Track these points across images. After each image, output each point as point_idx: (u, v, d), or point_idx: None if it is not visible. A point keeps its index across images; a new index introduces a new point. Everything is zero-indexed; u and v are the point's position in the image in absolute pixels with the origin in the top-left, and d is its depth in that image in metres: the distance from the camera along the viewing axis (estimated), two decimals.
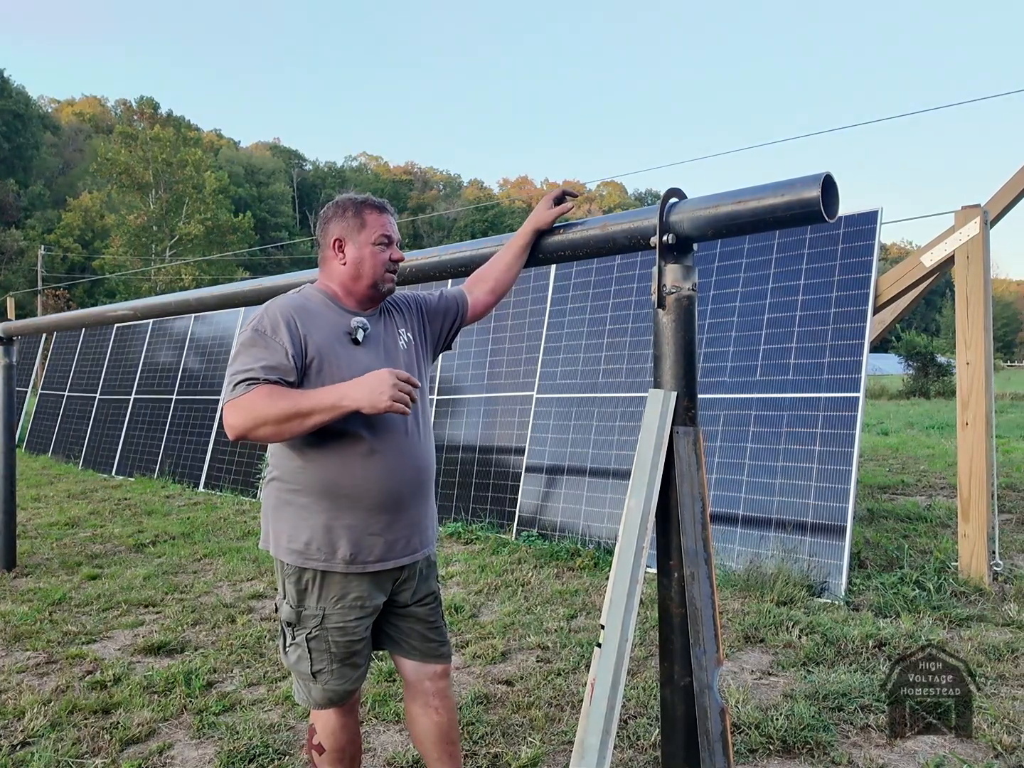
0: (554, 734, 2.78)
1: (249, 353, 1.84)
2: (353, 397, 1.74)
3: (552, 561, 5.20)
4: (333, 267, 2.02)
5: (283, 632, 1.96)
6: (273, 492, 1.95)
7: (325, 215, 2.05)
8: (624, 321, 5.82)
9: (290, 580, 1.90)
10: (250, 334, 1.86)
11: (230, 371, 1.84)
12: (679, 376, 2.03)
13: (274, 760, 2.63)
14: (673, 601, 2.00)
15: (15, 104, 55.51)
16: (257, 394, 1.77)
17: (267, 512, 1.98)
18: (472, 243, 2.62)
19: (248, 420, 1.75)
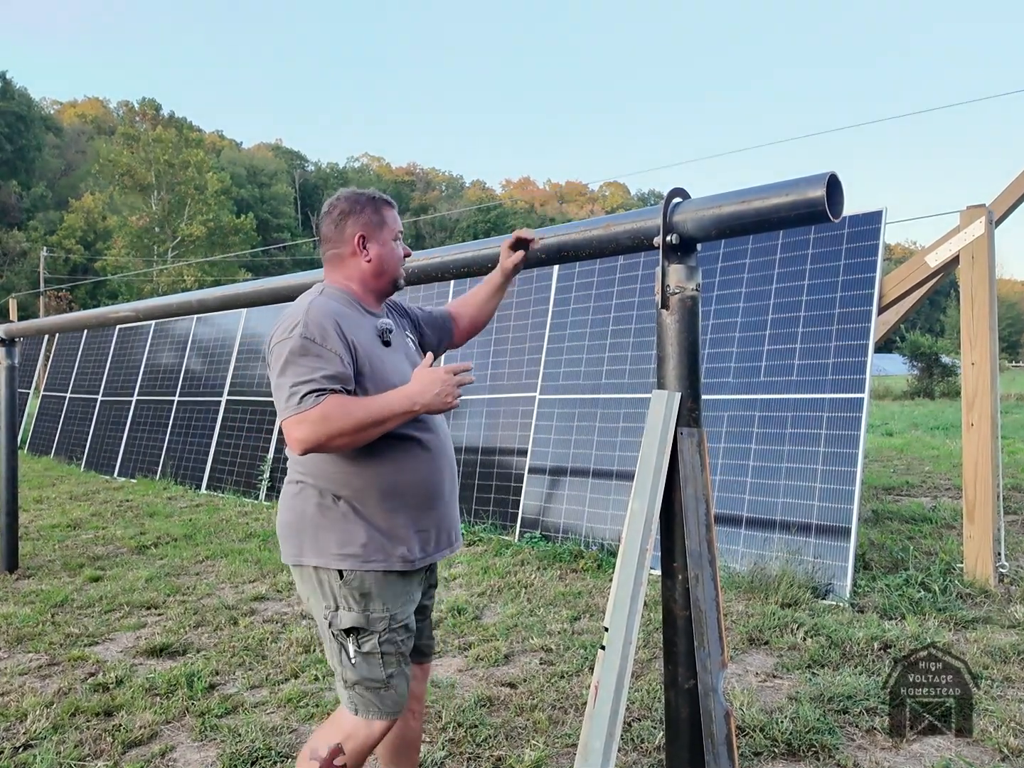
0: (557, 737, 2.77)
1: (303, 363, 1.76)
2: (423, 401, 1.77)
3: (555, 563, 5.18)
4: (354, 264, 1.99)
5: (342, 645, 1.86)
6: (309, 500, 1.87)
7: (339, 211, 1.99)
8: (627, 322, 5.80)
9: (349, 586, 1.83)
10: (299, 342, 1.78)
11: (285, 382, 1.76)
12: (683, 377, 2.01)
13: (276, 763, 2.62)
14: (677, 603, 1.99)
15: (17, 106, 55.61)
16: (328, 406, 1.72)
17: (300, 523, 1.87)
18: (475, 243, 2.61)
19: (321, 434, 1.70)
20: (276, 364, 1.78)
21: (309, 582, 1.88)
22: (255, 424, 8.68)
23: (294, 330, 1.78)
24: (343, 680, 1.88)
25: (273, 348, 1.81)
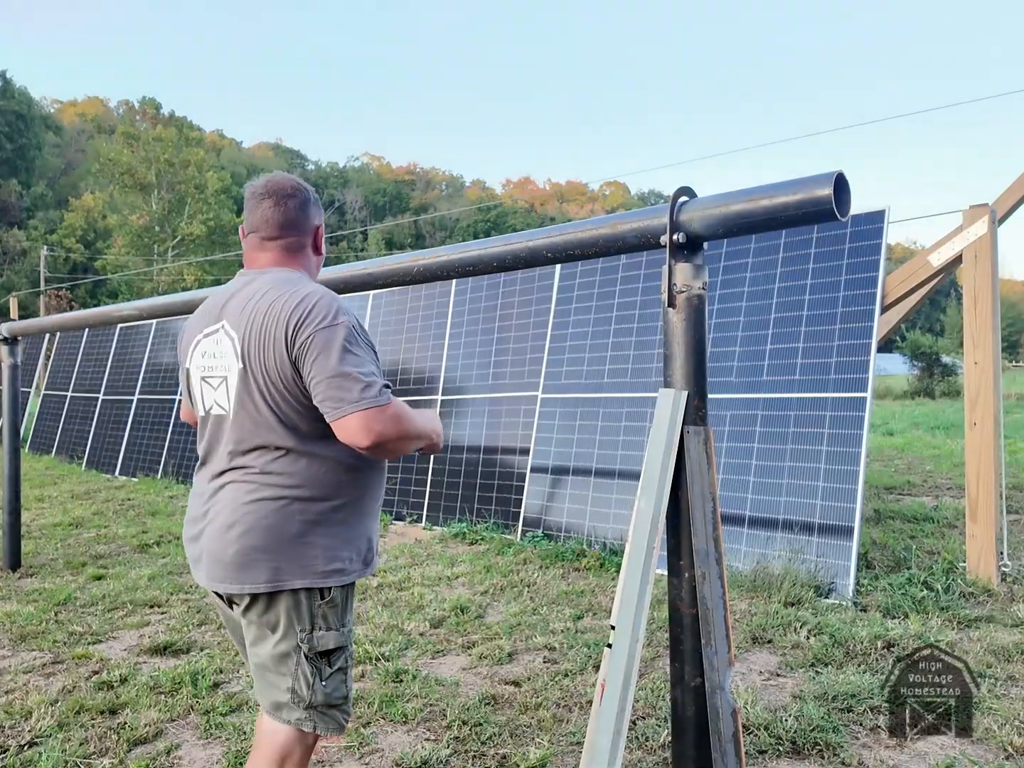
0: (562, 735, 2.77)
1: (361, 353, 1.68)
2: (440, 437, 1.85)
3: (558, 562, 5.19)
4: (307, 257, 1.92)
5: (316, 669, 1.72)
6: (294, 515, 1.70)
7: (303, 198, 1.88)
8: (629, 321, 5.80)
9: (331, 604, 1.73)
10: (350, 331, 1.68)
11: (350, 370, 1.63)
12: (689, 375, 2.02)
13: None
14: (683, 601, 1.99)
15: (18, 105, 55.69)
16: (399, 405, 1.68)
17: (278, 542, 1.69)
18: (479, 243, 2.61)
19: (401, 432, 1.66)
20: (327, 351, 1.63)
21: (281, 607, 1.70)
22: None
23: (338, 317, 1.67)
24: (304, 702, 1.72)
25: (315, 334, 1.64)
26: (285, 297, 1.71)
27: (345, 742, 2.75)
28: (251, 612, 1.73)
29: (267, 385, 1.69)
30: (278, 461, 1.71)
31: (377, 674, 3.35)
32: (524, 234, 2.46)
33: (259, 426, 1.71)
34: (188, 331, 1.91)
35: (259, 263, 1.87)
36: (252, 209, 1.87)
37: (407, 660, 3.54)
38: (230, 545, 1.69)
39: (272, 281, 1.78)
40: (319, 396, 1.63)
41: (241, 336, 1.72)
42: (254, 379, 1.70)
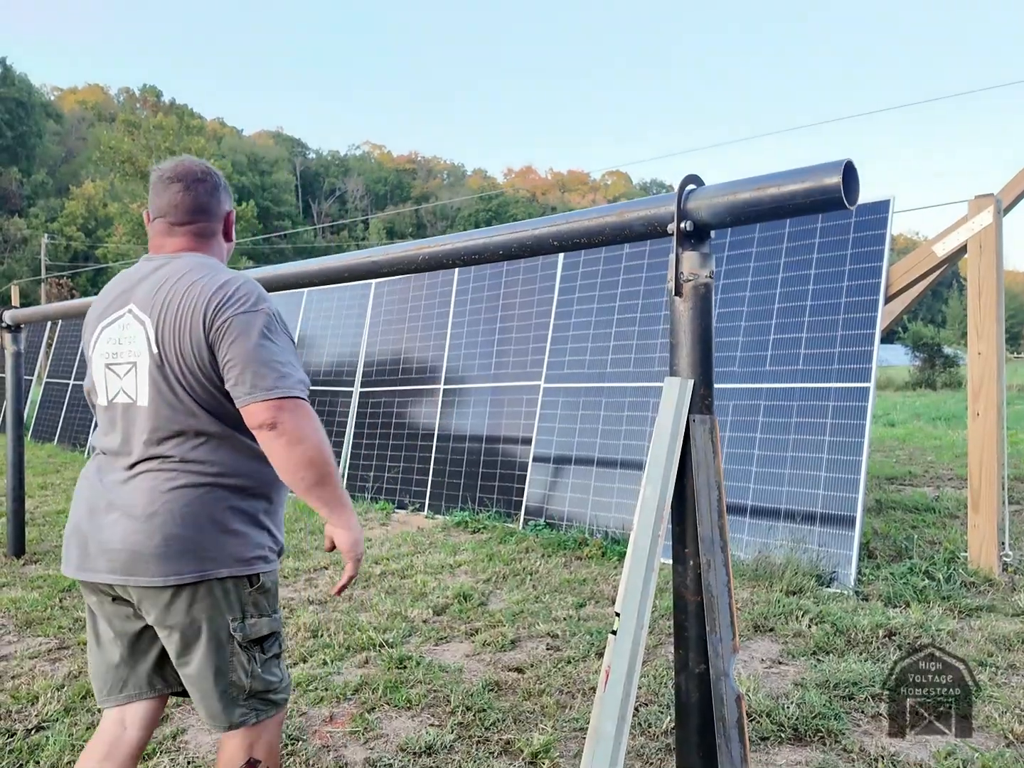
0: (565, 721, 2.79)
1: (281, 343, 1.64)
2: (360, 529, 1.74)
3: (560, 550, 5.20)
4: (218, 244, 1.86)
5: (251, 657, 1.70)
6: (219, 502, 1.65)
7: (214, 183, 1.82)
8: (632, 310, 5.80)
9: (261, 590, 1.71)
10: (270, 318, 1.64)
11: (266, 356, 1.59)
12: (696, 364, 2.02)
13: (287, 746, 2.64)
14: (688, 589, 2.00)
15: (18, 92, 55.46)
16: (314, 415, 1.63)
17: (202, 531, 1.63)
18: (485, 231, 2.61)
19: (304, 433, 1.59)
20: (245, 335, 1.59)
21: (208, 598, 1.65)
22: None
23: (259, 303, 1.65)
24: (245, 692, 1.69)
25: (234, 318, 1.60)
26: (204, 281, 1.66)
27: (350, 727, 2.77)
28: (173, 608, 1.64)
29: (183, 371, 1.63)
30: (199, 448, 1.65)
31: (381, 660, 3.37)
32: (530, 222, 2.46)
33: (177, 412, 1.65)
34: (91, 317, 1.84)
35: (167, 249, 1.80)
36: (159, 193, 1.79)
37: (411, 647, 3.56)
38: (151, 536, 1.61)
39: (188, 265, 1.72)
40: (231, 380, 1.60)
41: (155, 321, 1.66)
42: (170, 365, 1.64)
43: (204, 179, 1.80)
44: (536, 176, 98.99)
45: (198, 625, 1.65)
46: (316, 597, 4.32)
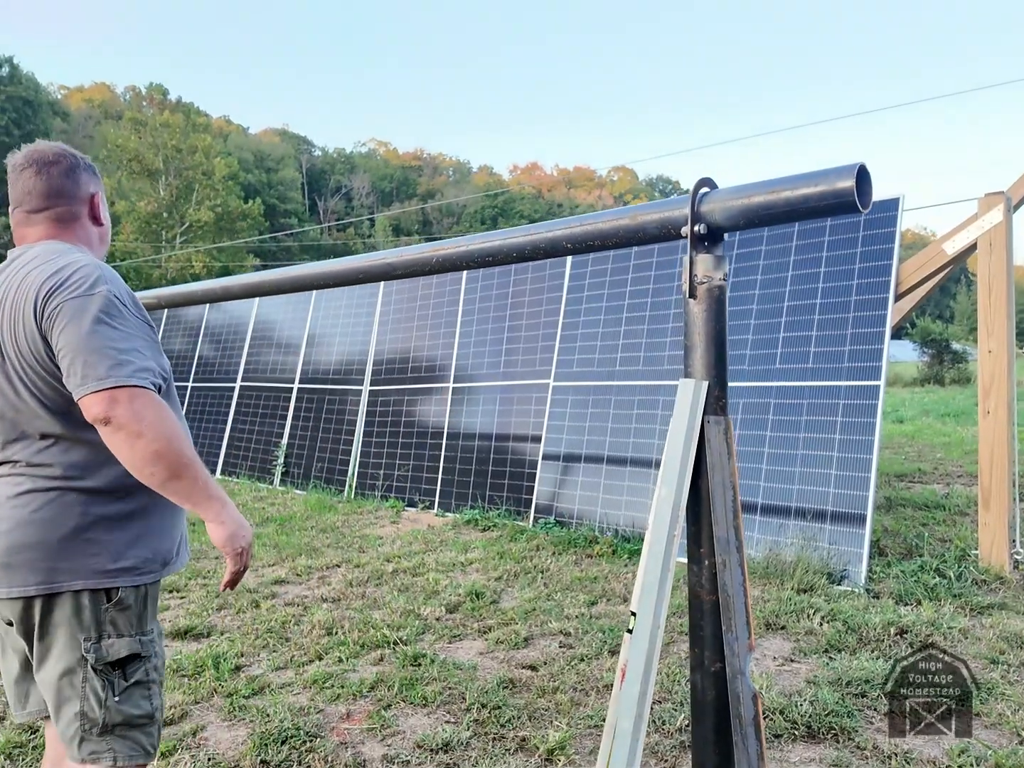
0: (580, 718, 2.82)
1: (125, 330, 1.47)
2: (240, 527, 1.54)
3: (570, 548, 5.23)
4: (84, 227, 1.71)
5: (107, 682, 1.51)
6: (72, 507, 1.50)
7: (70, 163, 1.68)
8: (641, 309, 5.81)
9: (121, 606, 1.53)
10: (109, 300, 1.47)
11: (99, 344, 1.42)
12: (710, 366, 2.03)
13: (306, 743, 2.68)
14: (704, 588, 2.02)
15: (25, 91, 55.61)
16: (162, 405, 1.45)
17: (51, 539, 1.48)
18: (499, 233, 2.62)
19: (143, 427, 1.40)
20: (77, 320, 1.44)
21: (59, 613, 1.50)
22: (269, 410, 8.75)
23: (96, 286, 1.48)
24: (98, 726, 1.51)
25: (65, 303, 1.45)
26: (40, 268, 1.53)
27: (367, 724, 2.81)
28: (26, 623, 1.52)
29: (22, 367, 1.50)
30: (47, 451, 1.52)
31: (396, 658, 3.41)
32: (544, 225, 2.48)
33: (20, 414, 1.52)
34: None
35: (28, 239, 1.67)
36: (13, 183, 1.67)
37: (424, 644, 3.59)
38: (4, 545, 1.49)
39: (36, 254, 1.59)
40: (64, 371, 1.44)
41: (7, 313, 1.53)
42: (10, 362, 1.51)
43: (57, 160, 1.66)
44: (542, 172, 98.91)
45: (49, 642, 1.51)
46: (329, 595, 4.36)
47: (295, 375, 8.68)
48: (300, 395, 8.52)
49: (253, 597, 4.32)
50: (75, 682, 1.50)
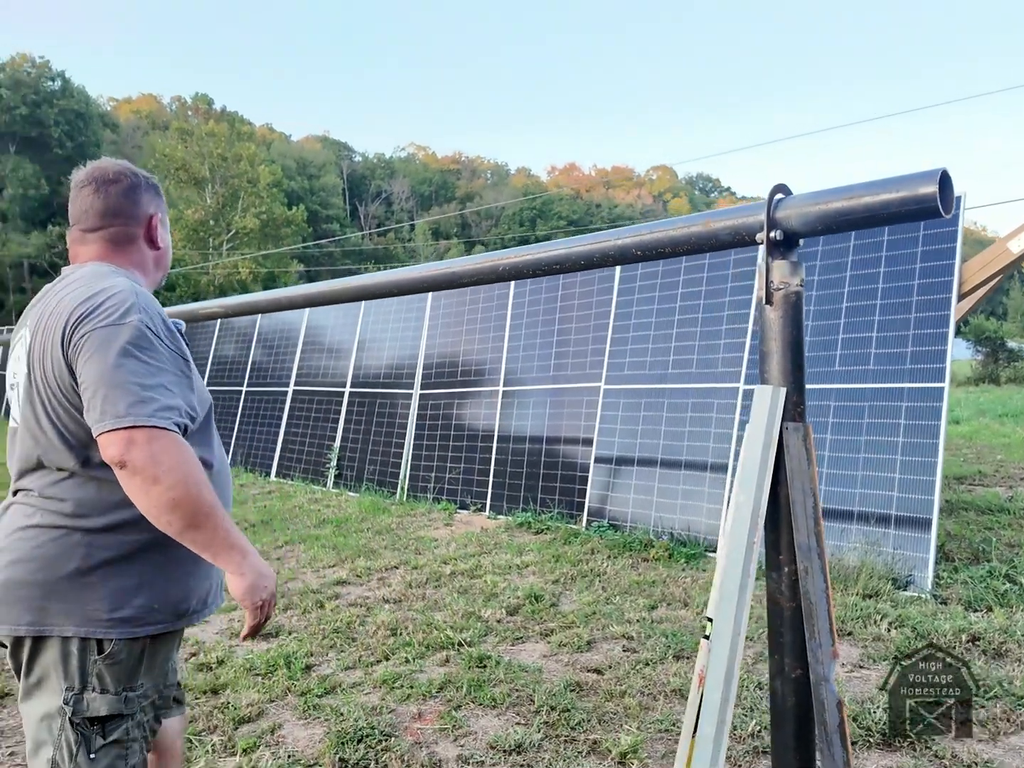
0: (650, 722, 2.83)
1: (154, 363, 1.40)
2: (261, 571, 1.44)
3: (625, 552, 5.24)
4: (140, 249, 1.66)
5: (82, 738, 1.42)
6: (74, 549, 1.42)
7: (130, 182, 1.63)
8: (694, 311, 5.79)
9: (111, 659, 1.44)
10: (140, 331, 1.40)
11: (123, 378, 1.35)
12: (787, 372, 2.03)
13: (381, 742, 2.74)
14: (784, 595, 2.02)
15: (76, 104, 57.40)
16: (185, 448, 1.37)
17: (48, 579, 1.42)
18: (566, 241, 2.65)
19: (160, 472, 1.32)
20: (102, 352, 1.36)
21: (48, 657, 1.43)
22: (321, 413, 8.91)
23: (127, 316, 1.40)
24: None
25: (92, 333, 1.38)
26: (76, 292, 1.48)
27: (439, 725, 2.86)
28: (14, 660, 1.48)
29: (48, 395, 1.45)
30: (59, 484, 1.45)
31: (461, 659, 3.46)
32: (612, 232, 2.50)
33: (39, 442, 1.47)
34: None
35: (81, 258, 1.64)
36: (73, 200, 1.64)
37: (488, 646, 3.64)
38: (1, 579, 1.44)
39: (78, 276, 1.55)
40: (85, 405, 1.37)
41: (30, 340, 1.50)
42: (36, 388, 1.47)
43: (117, 180, 1.62)
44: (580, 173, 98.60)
45: (34, 681, 1.46)
46: (390, 596, 4.44)
47: (346, 379, 8.82)
48: (352, 399, 8.66)
49: (317, 598, 4.42)
50: (53, 728, 1.43)
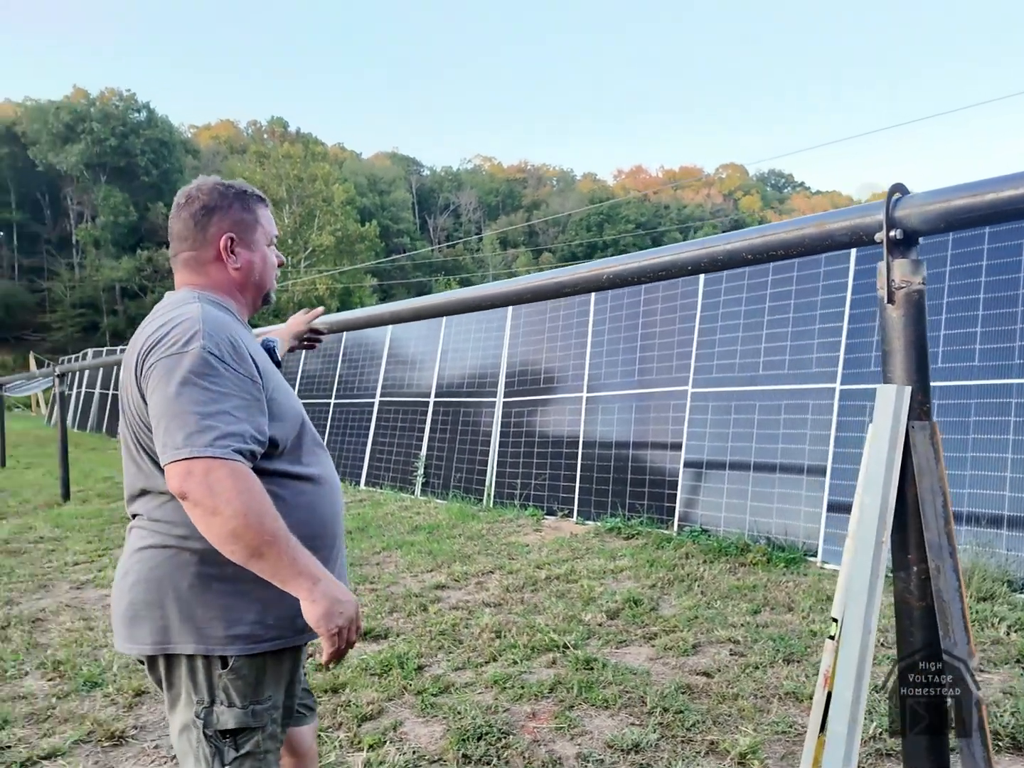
0: (766, 724, 2.83)
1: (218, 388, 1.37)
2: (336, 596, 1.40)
3: (721, 556, 5.20)
4: (218, 272, 1.63)
5: (216, 750, 1.46)
6: (186, 568, 1.45)
7: (201, 205, 1.60)
8: (784, 311, 5.72)
9: (236, 674, 1.47)
10: (201, 358, 1.37)
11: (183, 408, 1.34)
12: (911, 371, 2.03)
13: (500, 739, 2.82)
14: (913, 595, 2.01)
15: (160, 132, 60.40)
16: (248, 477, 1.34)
17: (166, 599, 1.45)
18: (672, 247, 2.69)
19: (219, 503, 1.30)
20: (165, 383, 1.37)
21: (177, 673, 1.48)
22: (407, 423, 9.14)
23: (191, 343, 1.39)
24: None
25: (158, 363, 1.39)
26: (151, 322, 1.51)
27: (554, 724, 2.93)
28: (153, 675, 1.53)
29: (136, 426, 1.48)
30: (165, 507, 1.47)
31: (568, 661, 3.52)
32: (721, 237, 2.53)
33: (140, 469, 1.51)
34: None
35: (175, 283, 1.67)
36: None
37: (593, 649, 3.69)
38: (122, 597, 1.50)
39: (161, 306, 1.59)
40: (154, 438, 1.39)
41: (123, 371, 1.55)
42: (127, 420, 1.51)
43: (188, 203, 1.61)
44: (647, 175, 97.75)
45: (173, 695, 1.51)
46: (490, 600, 4.54)
47: (431, 389, 9.03)
48: (436, 408, 8.86)
49: (419, 601, 4.55)
50: (191, 739, 1.48)
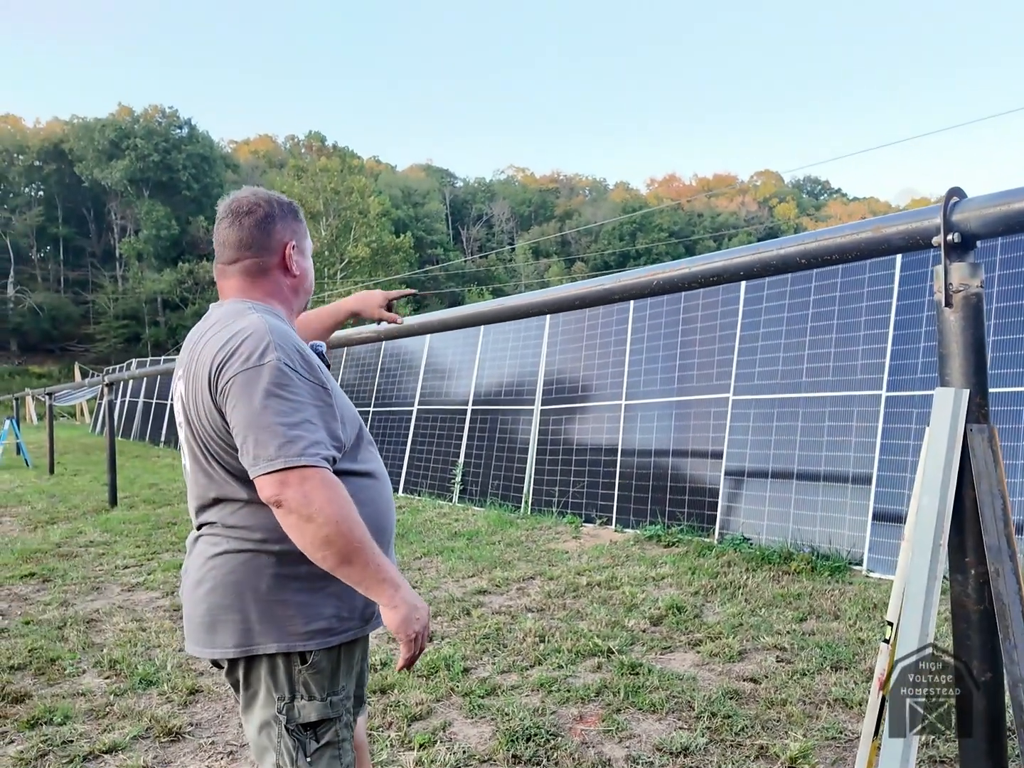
0: (816, 730, 2.82)
1: (297, 398, 1.43)
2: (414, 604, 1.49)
3: (764, 564, 5.17)
4: (277, 279, 1.67)
5: (299, 743, 1.52)
6: (263, 570, 1.50)
7: (264, 213, 1.64)
8: (828, 318, 5.68)
9: (315, 668, 1.52)
10: (278, 370, 1.41)
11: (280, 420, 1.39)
12: (969, 374, 2.02)
13: (549, 741, 2.85)
14: (970, 598, 2.00)
15: (201, 148, 61.88)
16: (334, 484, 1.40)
17: (245, 602, 1.50)
18: (723, 253, 2.71)
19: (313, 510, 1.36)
20: (247, 397, 1.41)
21: (257, 673, 1.53)
22: (445, 431, 9.21)
23: (265, 356, 1.43)
24: None
25: (236, 377, 1.42)
26: (216, 335, 1.52)
27: (602, 727, 2.94)
28: (231, 677, 1.59)
29: (207, 438, 1.52)
30: (239, 513, 1.52)
31: (612, 666, 3.53)
32: (775, 242, 2.54)
33: (213, 480, 1.54)
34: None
35: (224, 293, 1.68)
36: (215, 234, 1.69)
37: (637, 654, 3.69)
38: (199, 604, 1.55)
39: (218, 318, 1.59)
40: (239, 449, 1.43)
41: (185, 383, 1.58)
42: (195, 431, 1.54)
43: (252, 210, 1.64)
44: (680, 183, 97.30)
45: (251, 695, 1.56)
46: (532, 605, 4.56)
47: (468, 398, 9.10)
48: (474, 416, 8.92)
49: (462, 605, 4.60)
50: (272, 735, 1.54)
